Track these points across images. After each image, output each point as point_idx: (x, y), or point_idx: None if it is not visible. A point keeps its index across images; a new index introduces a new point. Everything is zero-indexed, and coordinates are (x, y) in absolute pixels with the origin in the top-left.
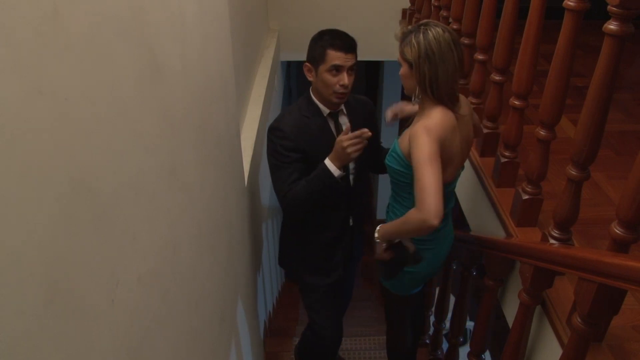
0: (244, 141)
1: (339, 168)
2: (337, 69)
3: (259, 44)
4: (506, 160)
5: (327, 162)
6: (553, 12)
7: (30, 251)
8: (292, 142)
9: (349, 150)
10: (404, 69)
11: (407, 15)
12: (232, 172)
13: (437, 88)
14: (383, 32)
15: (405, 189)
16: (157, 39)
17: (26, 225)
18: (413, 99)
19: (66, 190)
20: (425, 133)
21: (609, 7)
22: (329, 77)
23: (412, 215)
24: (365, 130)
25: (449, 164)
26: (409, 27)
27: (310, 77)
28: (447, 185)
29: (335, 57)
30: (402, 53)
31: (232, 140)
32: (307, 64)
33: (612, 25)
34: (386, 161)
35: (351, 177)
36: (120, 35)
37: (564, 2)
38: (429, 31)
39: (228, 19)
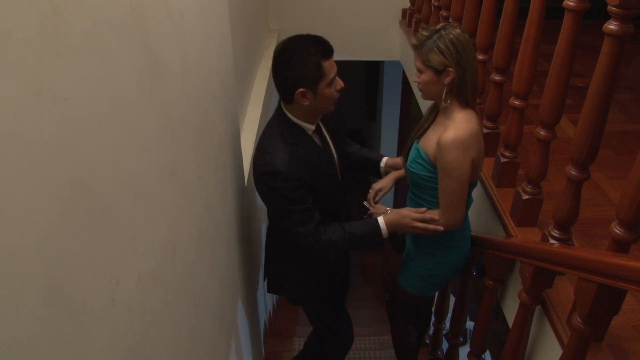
0: (244, 141)
1: (388, 232)
2: (334, 78)
3: (259, 44)
4: (506, 160)
5: (382, 223)
6: (553, 12)
7: (30, 251)
8: (296, 181)
9: (412, 224)
10: (427, 77)
11: (407, 15)
12: (232, 172)
13: (465, 90)
14: (383, 32)
15: (429, 192)
16: (157, 39)
17: (26, 225)
18: (442, 103)
19: (66, 190)
20: (460, 148)
21: (609, 7)
22: (330, 91)
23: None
24: (435, 216)
25: (480, 165)
26: (424, 33)
27: (305, 102)
28: (475, 184)
29: (330, 66)
30: (425, 61)
31: (232, 140)
32: (302, 89)
33: (612, 25)
34: (410, 168)
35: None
36: (120, 35)
37: (564, 2)
38: (450, 34)
39: (228, 19)
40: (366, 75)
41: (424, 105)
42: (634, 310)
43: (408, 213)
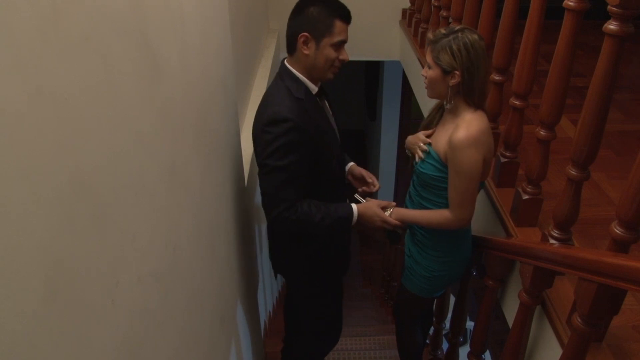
0: (244, 141)
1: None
2: (340, 44)
3: (259, 44)
4: (506, 160)
5: (355, 212)
6: (553, 12)
7: (30, 251)
8: (303, 134)
9: (381, 220)
10: (434, 73)
11: (407, 15)
12: (232, 172)
13: (473, 95)
14: (383, 32)
15: (436, 192)
16: (157, 39)
17: (26, 225)
18: (445, 104)
19: (66, 190)
20: (472, 146)
21: (609, 7)
22: (331, 52)
23: (446, 215)
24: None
25: (490, 164)
26: (442, 30)
27: (305, 51)
28: (483, 184)
29: (342, 29)
30: (435, 58)
31: (232, 140)
32: (305, 34)
33: (612, 25)
34: (419, 168)
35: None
36: (120, 35)
37: (564, 2)
38: (466, 39)
39: (228, 19)
40: (366, 76)
41: (424, 105)
42: (634, 310)
43: (377, 210)
